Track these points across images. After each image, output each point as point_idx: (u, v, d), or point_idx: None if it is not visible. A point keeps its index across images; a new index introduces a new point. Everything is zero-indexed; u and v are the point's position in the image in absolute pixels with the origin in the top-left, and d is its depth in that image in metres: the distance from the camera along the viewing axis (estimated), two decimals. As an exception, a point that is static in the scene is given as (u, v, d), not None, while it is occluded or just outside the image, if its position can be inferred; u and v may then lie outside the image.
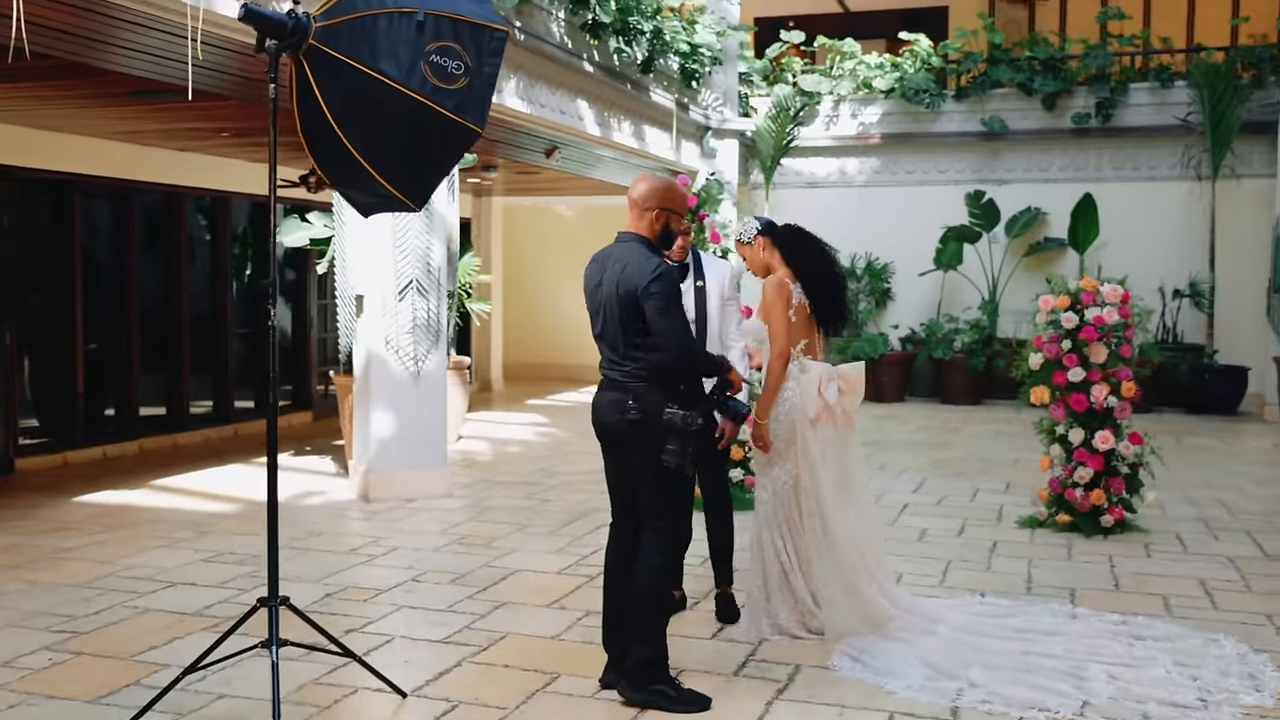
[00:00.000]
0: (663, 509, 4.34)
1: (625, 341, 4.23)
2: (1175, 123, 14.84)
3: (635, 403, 4.19)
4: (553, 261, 17.71)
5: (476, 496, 8.34)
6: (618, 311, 4.21)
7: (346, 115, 3.77)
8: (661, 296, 4.13)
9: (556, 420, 12.97)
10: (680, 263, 5.18)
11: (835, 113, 16.44)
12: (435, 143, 3.87)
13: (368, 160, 3.80)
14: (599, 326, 4.35)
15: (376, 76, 3.71)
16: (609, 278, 4.28)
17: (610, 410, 4.30)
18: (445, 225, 8.27)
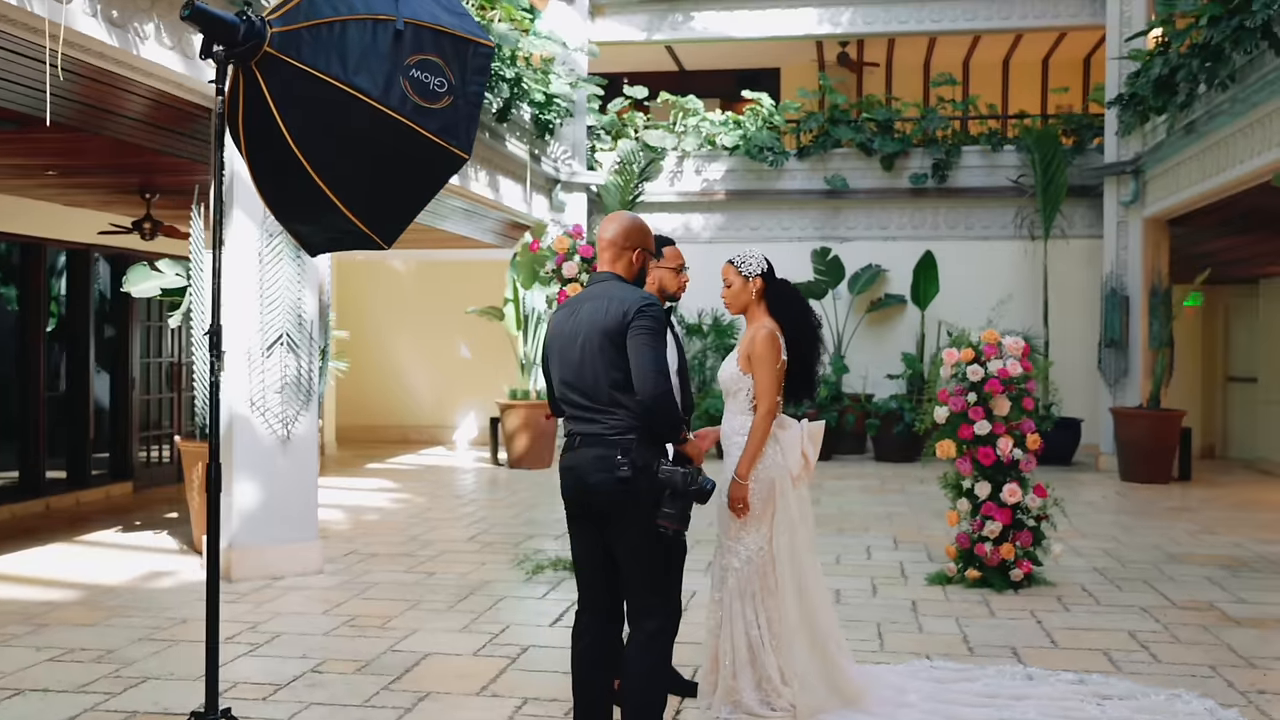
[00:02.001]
0: (658, 589, 3.86)
1: (610, 386, 3.77)
2: (1007, 184, 15.36)
3: (625, 457, 3.70)
4: (386, 319, 16.98)
5: (351, 572, 7.64)
6: (601, 351, 3.77)
7: (309, 136, 3.23)
8: (649, 327, 3.73)
9: (406, 485, 12.25)
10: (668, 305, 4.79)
11: (680, 169, 16.38)
12: (415, 170, 3.36)
13: (334, 189, 3.26)
14: (571, 373, 3.87)
15: (349, 92, 3.19)
16: (586, 318, 3.85)
17: (593, 469, 3.77)
18: (317, 274, 7.62)
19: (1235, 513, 10.70)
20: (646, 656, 3.83)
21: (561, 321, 3.96)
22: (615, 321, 3.74)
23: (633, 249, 4.01)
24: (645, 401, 3.69)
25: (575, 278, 7.73)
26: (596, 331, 3.78)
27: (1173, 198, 12.43)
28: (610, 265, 4.02)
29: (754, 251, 4.91)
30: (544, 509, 10.58)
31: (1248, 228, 12.49)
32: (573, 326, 3.88)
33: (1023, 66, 18.82)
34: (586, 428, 3.84)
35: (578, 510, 3.96)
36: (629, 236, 4.03)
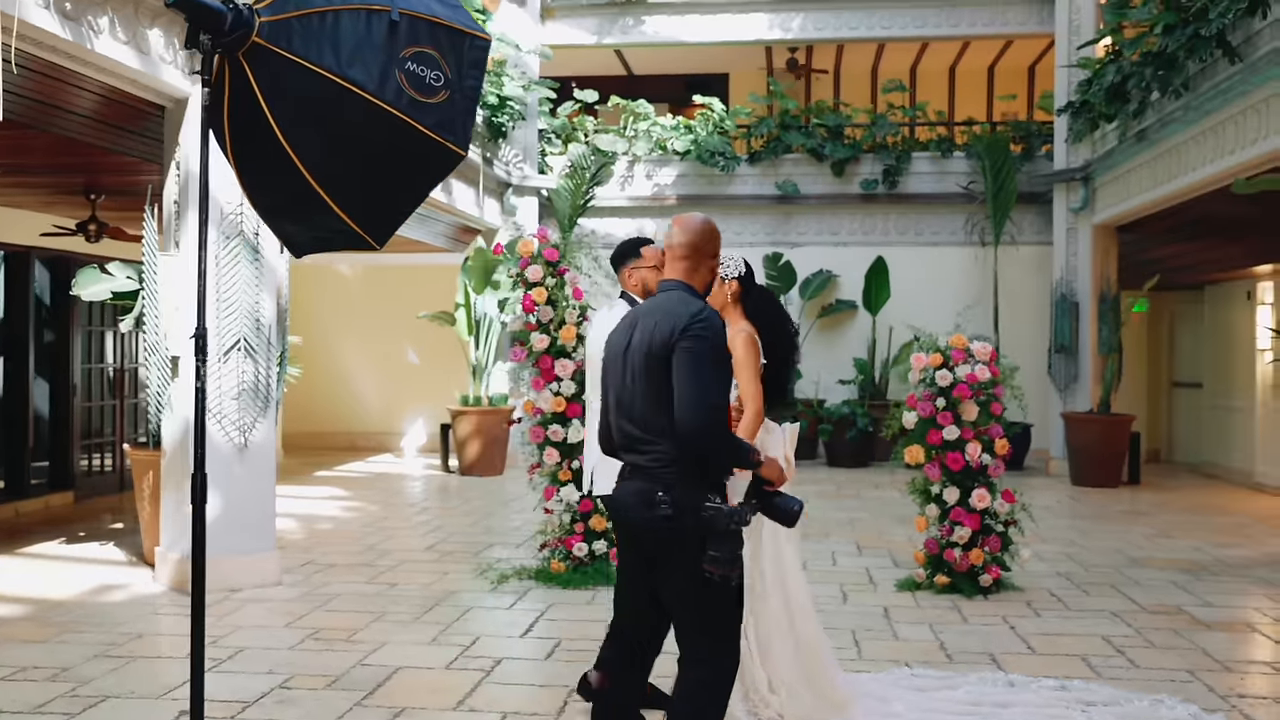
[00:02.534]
0: (707, 630, 3.47)
1: (656, 413, 3.39)
2: (957, 191, 15.47)
3: (667, 494, 3.34)
4: (332, 324, 16.70)
5: (311, 583, 7.43)
6: (647, 373, 3.41)
7: (299, 130, 3.09)
8: (697, 348, 3.30)
9: (357, 493, 12.02)
10: None
11: (631, 173, 16.29)
12: (410, 167, 3.23)
13: (324, 186, 3.12)
14: (622, 396, 3.54)
15: (342, 84, 3.06)
16: (639, 335, 3.49)
17: (636, 504, 3.44)
18: (275, 278, 7.42)
19: (1188, 517, 10.81)
20: (686, 706, 3.49)
21: (617, 342, 3.63)
22: (663, 340, 3.37)
23: (712, 257, 3.66)
24: (683, 434, 3.30)
25: (540, 282, 7.60)
26: (643, 351, 3.43)
27: (1123, 204, 12.56)
28: (682, 274, 3.60)
29: (733, 255, 4.82)
30: (500, 517, 10.43)
31: (1196, 234, 12.66)
32: (625, 344, 3.57)
33: (969, 74, 18.98)
34: (632, 457, 3.53)
35: (624, 543, 3.72)
36: (711, 240, 3.66)
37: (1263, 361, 12.98)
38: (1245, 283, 13.49)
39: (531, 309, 7.58)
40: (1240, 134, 9.22)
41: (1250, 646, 6.04)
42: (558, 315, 7.61)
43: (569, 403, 7.53)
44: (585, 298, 7.75)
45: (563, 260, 7.67)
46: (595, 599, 7.01)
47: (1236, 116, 9.25)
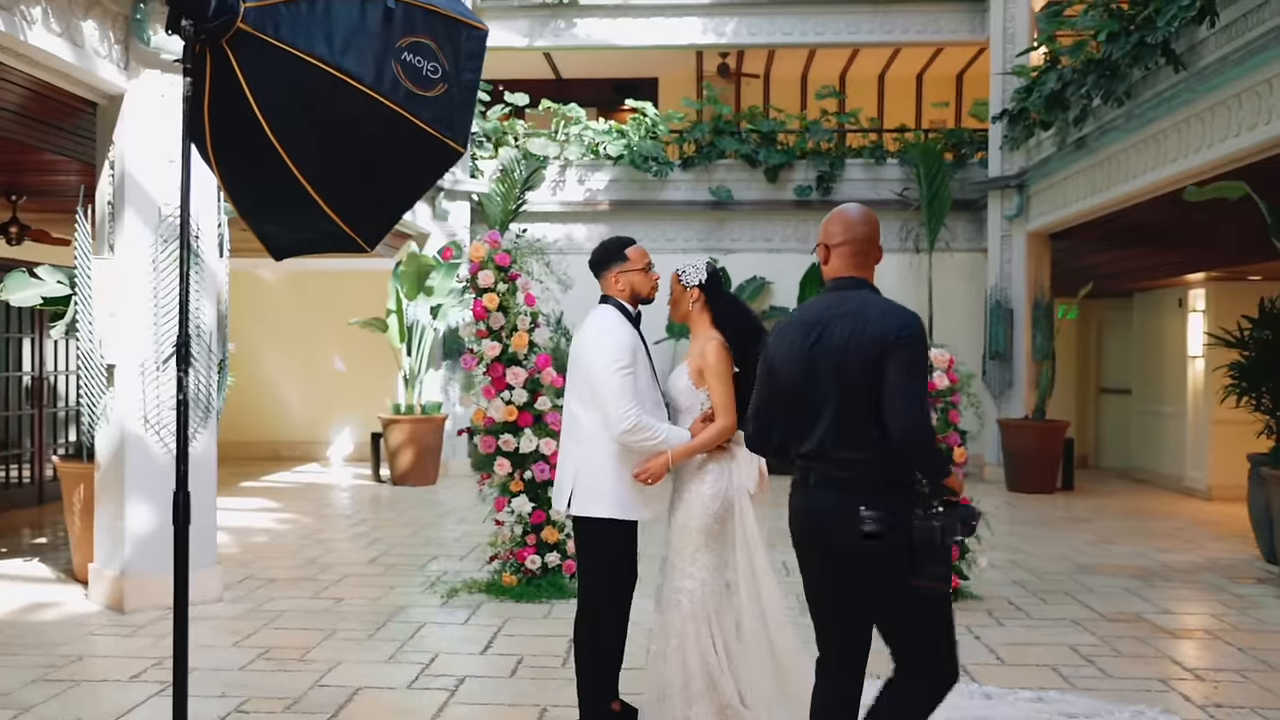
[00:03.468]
0: (926, 646, 3.41)
1: (859, 421, 3.24)
2: (891, 197, 15.52)
3: (873, 510, 3.16)
4: (255, 331, 16.22)
5: (254, 599, 7.13)
6: (852, 378, 3.24)
7: (289, 125, 2.88)
8: (916, 350, 3.19)
9: (288, 504, 11.65)
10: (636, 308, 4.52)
11: (563, 178, 16.09)
12: (406, 165, 3.03)
13: (314, 184, 2.91)
14: (811, 401, 3.33)
15: (336, 75, 2.85)
16: (839, 339, 3.28)
17: (834, 521, 3.25)
18: (215, 282, 7.11)
19: (1126, 522, 10.92)
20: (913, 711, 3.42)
21: (796, 342, 3.39)
22: (874, 344, 3.20)
23: (880, 247, 3.55)
24: (903, 444, 3.15)
25: (491, 287, 7.39)
26: (843, 354, 3.24)
27: (1058, 212, 12.69)
28: (854, 269, 3.46)
29: (695, 261, 4.69)
30: (439, 528, 10.17)
31: (1130, 242, 12.84)
32: (804, 345, 3.35)
33: (898, 81, 19.10)
34: (822, 466, 3.31)
35: (811, 560, 3.46)
36: (877, 229, 3.54)
37: (1194, 368, 13.20)
38: (1176, 290, 13.72)
39: (483, 315, 7.37)
40: (1183, 142, 9.33)
41: (1217, 654, 6.04)
42: (509, 322, 7.41)
43: (520, 412, 7.33)
44: (537, 304, 7.56)
45: (514, 265, 7.47)
46: (551, 613, 6.82)
47: (1179, 125, 9.36)
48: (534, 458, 7.32)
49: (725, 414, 4.42)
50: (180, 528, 2.88)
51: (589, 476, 4.32)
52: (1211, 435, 12.69)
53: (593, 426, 4.31)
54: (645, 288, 4.50)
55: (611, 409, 4.21)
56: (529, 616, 6.72)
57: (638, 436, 4.22)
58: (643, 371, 4.37)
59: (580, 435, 4.37)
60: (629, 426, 4.19)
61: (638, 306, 4.54)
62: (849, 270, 3.44)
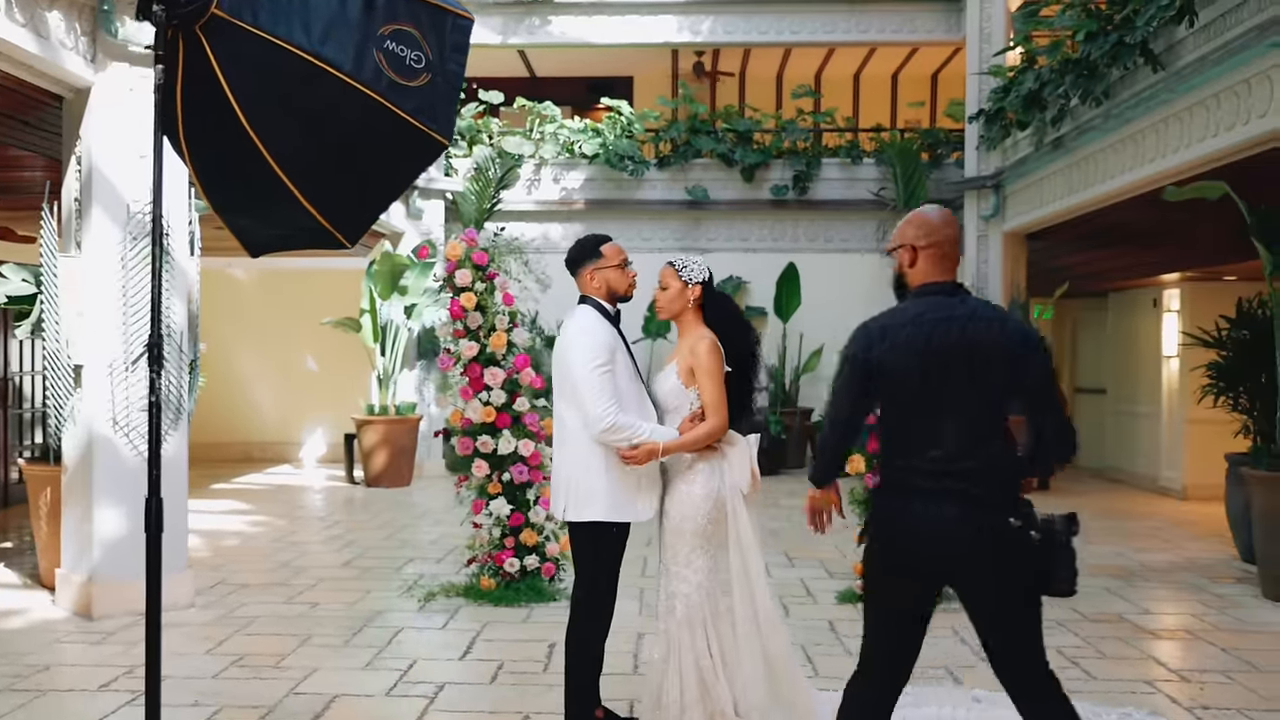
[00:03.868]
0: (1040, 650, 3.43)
1: (992, 426, 3.23)
2: (868, 197, 15.50)
3: (1023, 520, 3.18)
4: (227, 330, 16.00)
5: (226, 605, 6.99)
6: (983, 382, 3.22)
7: (266, 115, 2.77)
8: (1050, 356, 3.30)
9: (260, 506, 11.49)
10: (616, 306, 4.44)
11: (538, 177, 15.98)
12: (388, 157, 2.92)
13: (293, 178, 2.80)
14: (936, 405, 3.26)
15: (315, 63, 2.74)
16: (972, 339, 3.24)
17: (965, 533, 3.18)
18: (187, 280, 6.96)
19: (1102, 522, 10.91)
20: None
21: (919, 343, 3.29)
22: (1009, 347, 3.22)
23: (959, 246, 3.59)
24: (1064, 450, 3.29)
25: (469, 286, 7.28)
26: (997, 359, 3.21)
27: (1035, 212, 12.67)
28: (946, 273, 3.42)
29: (695, 258, 4.60)
30: (415, 530, 10.04)
31: (1106, 242, 12.84)
32: (948, 350, 3.25)
33: (873, 81, 19.09)
34: (949, 477, 3.21)
35: (915, 572, 3.34)
36: (957, 229, 3.56)
37: (1169, 368, 13.22)
38: (1151, 290, 13.74)
39: (460, 315, 7.26)
40: (1161, 142, 9.31)
41: (1200, 655, 6.01)
42: (487, 321, 7.30)
43: (499, 413, 7.22)
44: (515, 303, 7.46)
45: (492, 264, 7.36)
46: (530, 617, 6.72)
47: (1158, 125, 9.34)
48: (512, 459, 7.21)
49: (716, 413, 4.34)
50: (153, 535, 2.76)
51: (580, 481, 4.23)
52: (1187, 435, 12.71)
53: (578, 429, 4.23)
54: (622, 285, 4.41)
55: (590, 408, 4.13)
56: (508, 621, 6.62)
57: (616, 436, 4.13)
58: (623, 370, 4.28)
59: (567, 438, 4.28)
60: (607, 426, 4.11)
61: (616, 305, 4.45)
62: (940, 274, 3.40)
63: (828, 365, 14.93)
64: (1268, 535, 7.51)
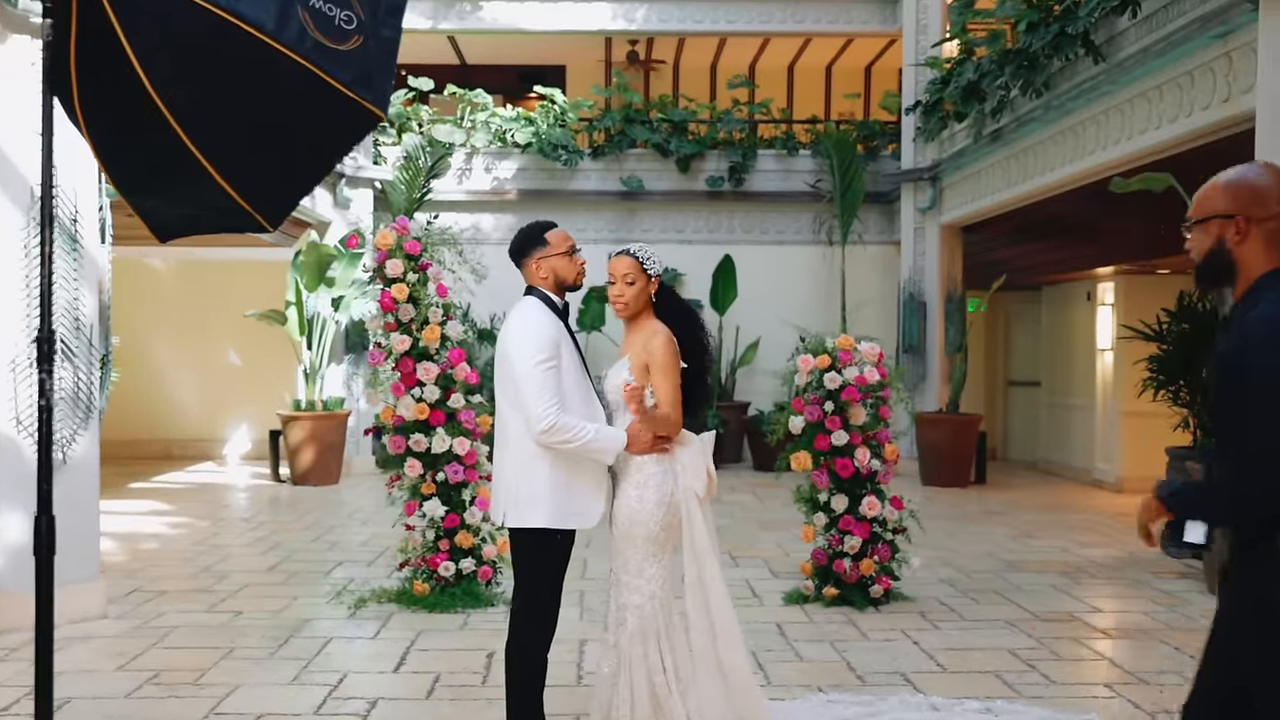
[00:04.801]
0: None
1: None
2: (804, 189, 15.36)
3: None
4: (145, 323, 15.41)
5: (141, 614, 6.59)
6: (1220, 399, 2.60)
7: (174, 80, 2.45)
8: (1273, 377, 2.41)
9: (181, 506, 11.03)
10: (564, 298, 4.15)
11: (469, 166, 15.62)
12: (315, 129, 2.61)
13: (206, 151, 2.48)
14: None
15: (231, 21, 2.42)
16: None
17: None
18: (97, 270, 6.54)
19: (1042, 516, 10.86)
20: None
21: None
22: (1231, 354, 2.51)
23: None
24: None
25: (400, 277, 6.94)
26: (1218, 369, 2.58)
27: (972, 204, 12.60)
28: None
29: (652, 250, 4.32)
30: (344, 530, 9.67)
31: (1042, 235, 12.81)
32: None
33: (808, 72, 18.98)
34: None
35: None
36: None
37: (1103, 361, 13.23)
38: (1085, 283, 13.75)
39: (391, 307, 6.92)
40: (1102, 134, 9.24)
41: (1156, 656, 5.88)
42: (420, 314, 6.97)
43: (432, 410, 6.90)
44: (450, 295, 7.14)
45: (425, 254, 7.03)
46: (467, 623, 6.42)
47: (1099, 116, 9.27)
48: (447, 458, 6.90)
49: (675, 409, 4.07)
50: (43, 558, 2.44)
51: (522, 485, 3.94)
52: (1122, 428, 12.72)
53: (520, 429, 3.94)
54: (570, 274, 4.12)
55: (530, 407, 3.83)
56: (443, 628, 6.31)
57: (557, 438, 3.84)
58: (570, 367, 4.00)
59: (509, 439, 3.99)
60: (546, 426, 3.82)
61: (564, 296, 4.16)
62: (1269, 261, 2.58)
63: (764, 358, 14.79)
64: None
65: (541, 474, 3.90)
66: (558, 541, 3.99)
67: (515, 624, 4.07)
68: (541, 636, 4.05)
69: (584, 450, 3.91)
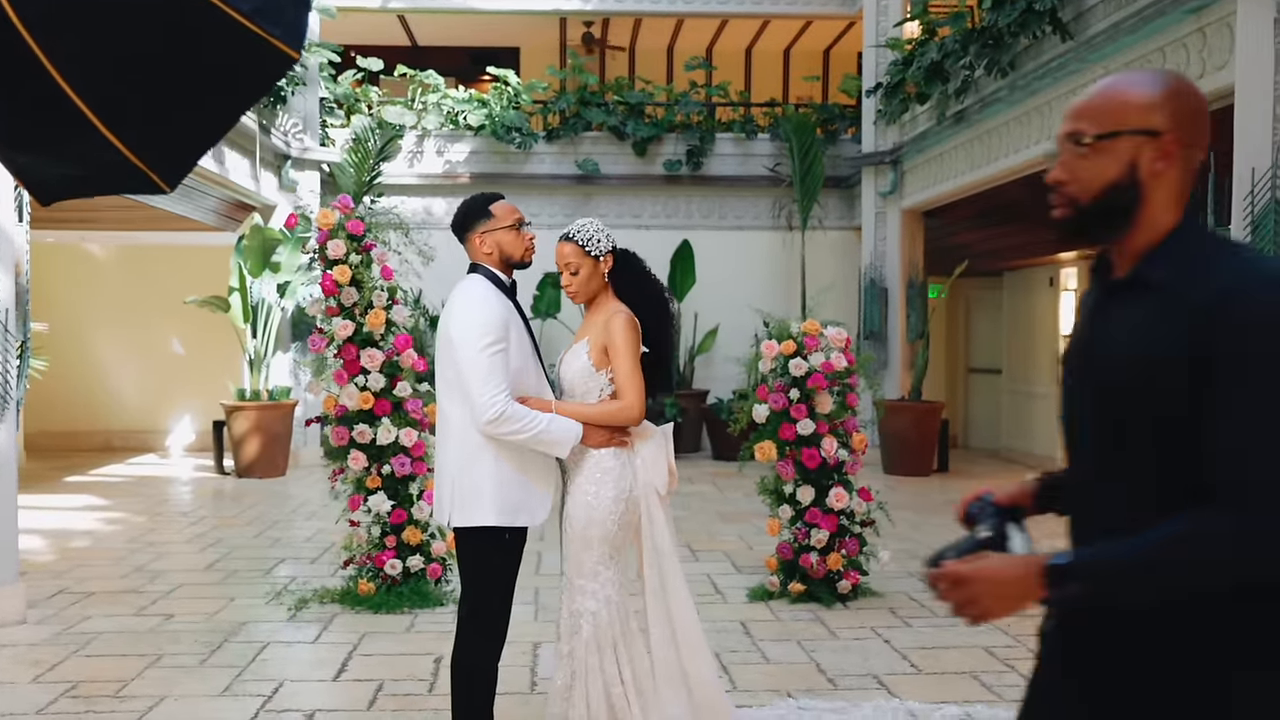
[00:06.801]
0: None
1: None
2: (763, 173, 15.06)
3: None
4: (81, 310, 14.88)
5: (64, 619, 6.17)
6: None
7: (46, 16, 2.07)
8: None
9: (118, 501, 10.57)
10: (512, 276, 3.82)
11: (420, 149, 15.17)
12: (217, 73, 2.23)
13: (88, 99, 2.12)
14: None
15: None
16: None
17: None
18: (13, 251, 6.10)
19: (1007, 504, 10.63)
20: None
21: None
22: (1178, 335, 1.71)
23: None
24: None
25: (342, 259, 6.56)
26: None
27: (934, 188, 12.36)
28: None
29: (590, 223, 3.98)
30: (288, 526, 9.27)
31: (1002, 220, 12.60)
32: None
33: (766, 56, 18.67)
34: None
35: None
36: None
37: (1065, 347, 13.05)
38: (1047, 269, 13.57)
39: (333, 290, 6.54)
40: (1071, 114, 8.99)
41: (1136, 652, 5.63)
42: (364, 298, 6.60)
43: (377, 399, 6.53)
44: (395, 278, 6.77)
45: (369, 234, 6.65)
46: (414, 625, 6.07)
47: (1066, 96, 9.02)
48: (393, 450, 6.54)
49: (635, 393, 3.75)
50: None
51: (465, 481, 3.59)
52: (1085, 415, 12.53)
53: (462, 421, 3.59)
54: (517, 250, 3.79)
55: (475, 395, 3.49)
56: (389, 630, 5.96)
57: (506, 428, 3.50)
58: (519, 350, 3.66)
59: (451, 432, 3.65)
60: (493, 416, 3.47)
61: (512, 274, 3.82)
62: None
63: (724, 345, 14.48)
64: (1188, 520, 7.20)
65: (486, 468, 3.57)
66: (507, 541, 3.66)
67: (463, 633, 3.73)
68: (491, 647, 3.72)
69: (535, 442, 3.58)
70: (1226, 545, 1.63)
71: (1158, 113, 1.78)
